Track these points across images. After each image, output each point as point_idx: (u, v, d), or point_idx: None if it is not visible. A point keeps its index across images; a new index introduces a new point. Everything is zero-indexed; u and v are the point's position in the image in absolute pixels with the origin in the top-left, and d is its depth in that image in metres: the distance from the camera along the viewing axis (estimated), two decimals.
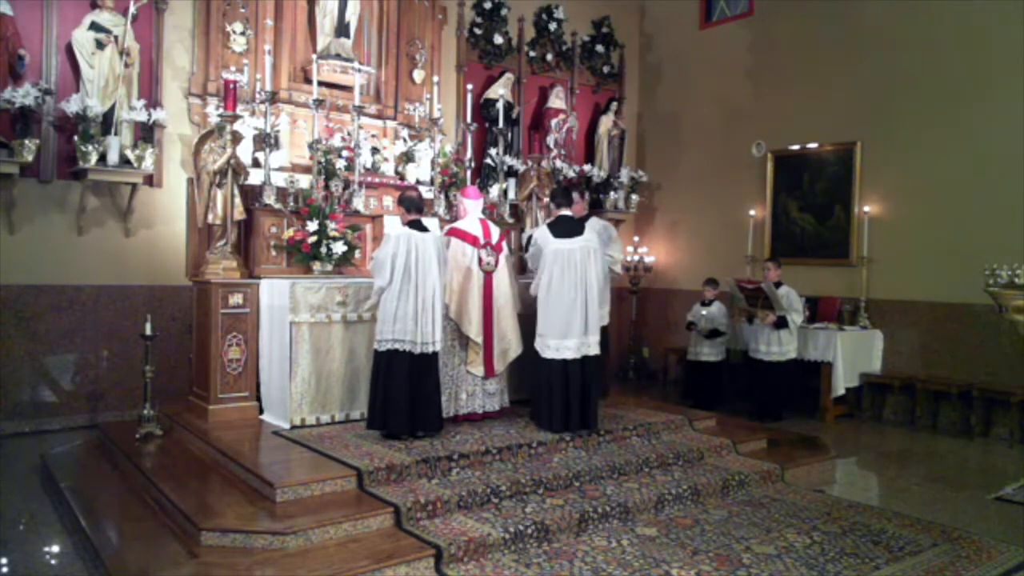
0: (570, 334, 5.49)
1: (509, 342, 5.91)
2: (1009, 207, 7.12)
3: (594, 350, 5.58)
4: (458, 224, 5.94)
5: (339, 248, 6.12)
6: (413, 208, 5.47)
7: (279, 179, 6.48)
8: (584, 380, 5.53)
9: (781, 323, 7.60)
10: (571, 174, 9.37)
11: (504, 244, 6.00)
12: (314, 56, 7.19)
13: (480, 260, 5.80)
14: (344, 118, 7.31)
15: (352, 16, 7.73)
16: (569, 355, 5.48)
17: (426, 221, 5.54)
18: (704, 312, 8.28)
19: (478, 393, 5.85)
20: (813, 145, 8.80)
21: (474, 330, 5.73)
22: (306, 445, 5.09)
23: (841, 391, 7.77)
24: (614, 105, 10.13)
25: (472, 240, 5.80)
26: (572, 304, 5.51)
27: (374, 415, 5.25)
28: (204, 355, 5.85)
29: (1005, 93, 7.26)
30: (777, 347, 7.68)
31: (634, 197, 10.06)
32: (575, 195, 6.26)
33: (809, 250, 8.77)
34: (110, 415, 6.81)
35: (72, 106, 6.36)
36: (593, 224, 6.34)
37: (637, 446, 5.62)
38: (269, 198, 6.21)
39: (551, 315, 5.52)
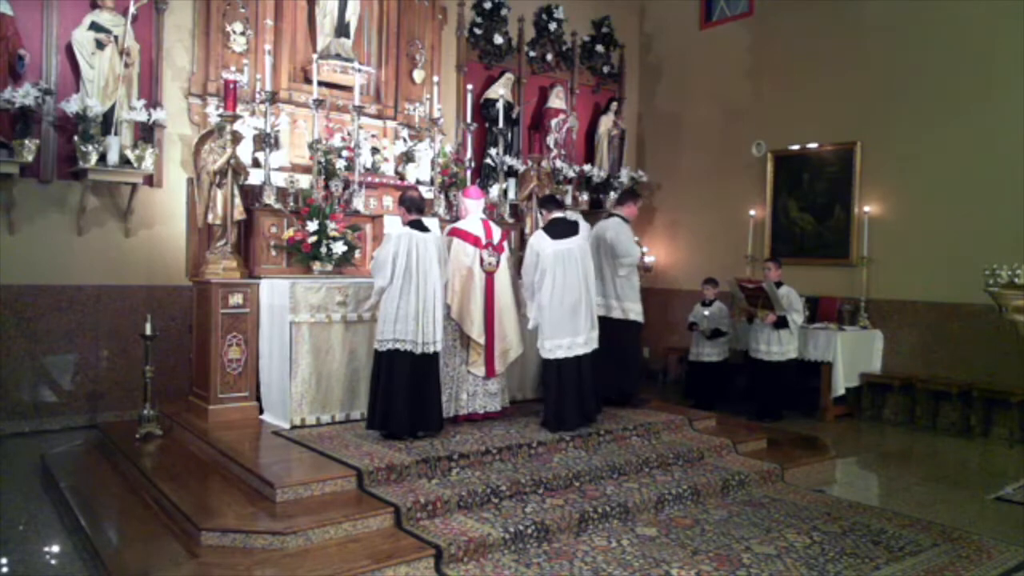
0: (579, 330, 5.63)
1: (510, 342, 5.92)
2: (1009, 207, 7.12)
3: (595, 344, 5.75)
4: (460, 224, 5.94)
5: (339, 248, 6.12)
6: (414, 208, 5.47)
7: (279, 179, 6.48)
8: (592, 373, 5.71)
9: (781, 323, 7.60)
10: (571, 174, 9.38)
11: (505, 244, 6.01)
12: (314, 56, 7.19)
13: (482, 260, 5.80)
14: (344, 118, 7.31)
15: (352, 16, 7.73)
16: (580, 351, 5.63)
17: (427, 221, 5.54)
18: (707, 313, 8.28)
19: (479, 393, 5.85)
20: (813, 145, 8.80)
21: (476, 331, 5.73)
22: (306, 445, 5.09)
23: (841, 391, 7.77)
24: (614, 105, 10.13)
25: (474, 240, 5.80)
26: (579, 302, 5.64)
27: (374, 415, 5.25)
28: (204, 355, 5.85)
29: (1005, 93, 7.26)
30: (777, 347, 7.68)
31: None
32: (630, 200, 6.66)
33: (809, 250, 8.77)
34: (110, 415, 6.81)
35: (72, 106, 6.36)
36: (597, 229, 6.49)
37: (637, 446, 5.62)
38: (269, 198, 6.21)
39: (561, 315, 5.59)
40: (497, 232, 5.96)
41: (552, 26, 9.67)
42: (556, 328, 5.59)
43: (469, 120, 7.63)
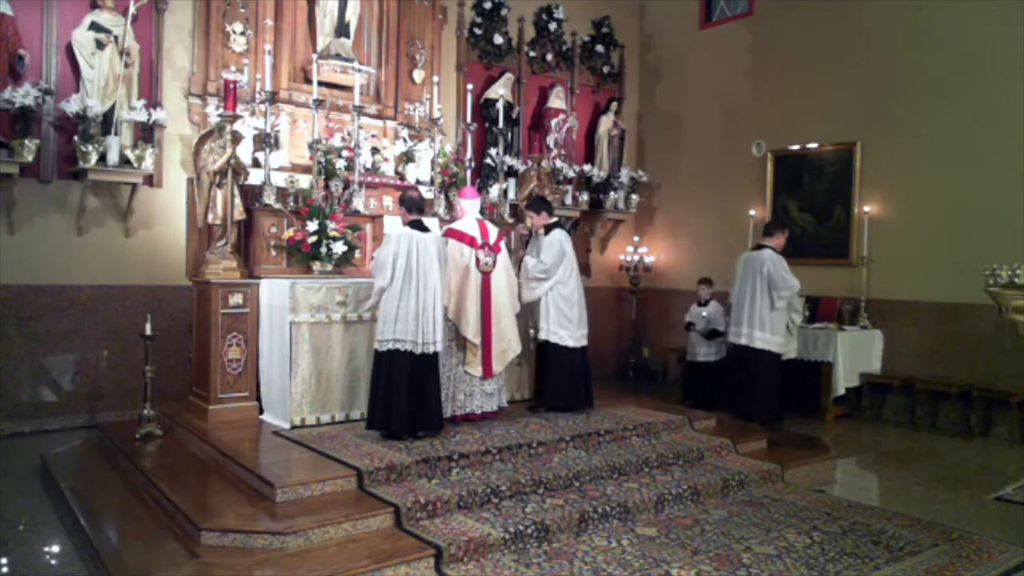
0: (586, 324, 6.39)
1: (509, 342, 5.92)
2: (1009, 207, 7.12)
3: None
4: (455, 225, 5.97)
5: (339, 248, 6.13)
6: (414, 208, 5.48)
7: (279, 179, 6.48)
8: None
9: None
10: (571, 174, 9.38)
11: (503, 244, 6.01)
12: (314, 56, 7.19)
13: (478, 261, 5.81)
14: (344, 118, 7.31)
15: (352, 16, 7.73)
16: (585, 342, 6.36)
17: (427, 221, 5.54)
18: (704, 313, 8.26)
19: (476, 393, 5.84)
20: (813, 145, 8.79)
21: (471, 331, 5.73)
22: (306, 445, 5.09)
23: (841, 391, 7.76)
24: (614, 105, 10.13)
25: (469, 240, 5.81)
26: (583, 299, 6.40)
27: (374, 415, 5.25)
28: (204, 355, 5.85)
29: (1005, 93, 7.25)
30: None
31: (634, 197, 10.06)
32: (778, 231, 7.31)
33: (809, 250, 8.76)
34: (110, 415, 6.81)
35: (72, 106, 6.36)
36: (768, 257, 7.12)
37: (637, 446, 5.62)
38: (269, 198, 6.22)
39: (576, 310, 6.30)
40: (493, 232, 5.96)
41: (552, 26, 9.66)
42: (572, 321, 6.27)
43: (469, 120, 7.63)
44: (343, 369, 5.78)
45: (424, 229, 5.40)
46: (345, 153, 6.81)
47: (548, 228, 6.42)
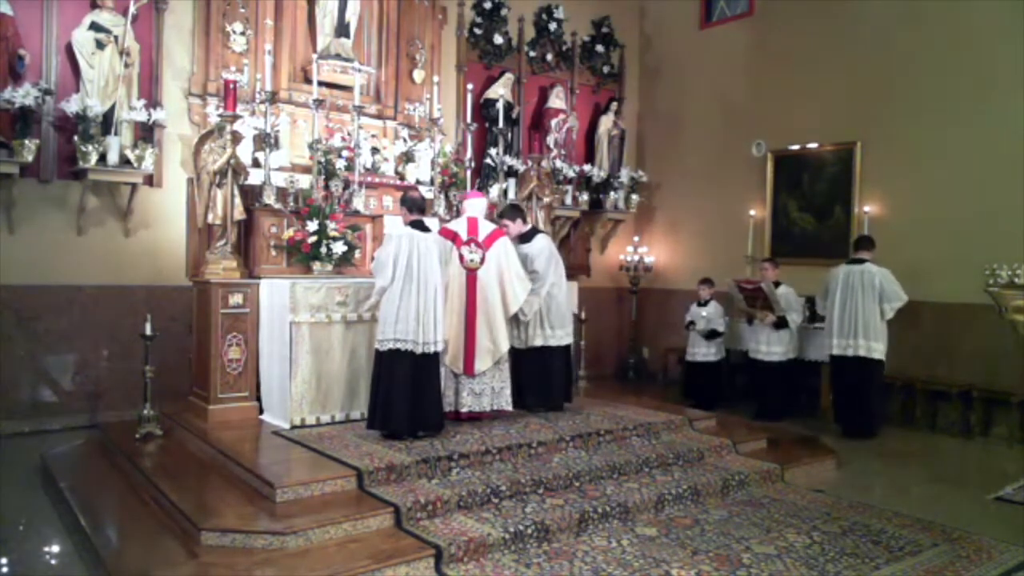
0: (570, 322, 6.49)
1: (495, 341, 5.83)
2: (1009, 207, 7.11)
3: None
4: (448, 224, 6.03)
5: (339, 248, 6.13)
6: (416, 208, 5.49)
7: (279, 179, 6.48)
8: None
9: (781, 323, 7.60)
10: (571, 174, 9.38)
11: (498, 242, 5.92)
12: (314, 56, 7.19)
13: (461, 258, 5.78)
14: (344, 118, 7.31)
15: (352, 16, 7.73)
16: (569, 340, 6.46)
17: (428, 221, 5.54)
18: (704, 313, 8.27)
19: (464, 392, 5.78)
20: (813, 145, 8.79)
21: (447, 327, 5.64)
22: (306, 445, 5.09)
23: None
24: (614, 105, 10.13)
25: (452, 236, 5.79)
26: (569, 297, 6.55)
27: (375, 415, 5.25)
28: (204, 355, 5.85)
29: (1005, 93, 7.25)
30: (777, 347, 7.68)
31: (634, 197, 10.07)
32: (873, 245, 7.34)
33: (809, 250, 8.76)
34: (110, 415, 6.80)
35: (72, 106, 6.36)
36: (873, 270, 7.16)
37: (637, 446, 5.62)
38: (269, 198, 6.22)
39: (567, 308, 6.38)
40: (485, 229, 5.91)
41: (552, 26, 9.66)
42: (569, 319, 6.34)
43: (469, 120, 7.63)
44: (343, 369, 5.78)
45: (425, 229, 5.40)
46: (345, 153, 6.81)
47: (524, 236, 6.36)
